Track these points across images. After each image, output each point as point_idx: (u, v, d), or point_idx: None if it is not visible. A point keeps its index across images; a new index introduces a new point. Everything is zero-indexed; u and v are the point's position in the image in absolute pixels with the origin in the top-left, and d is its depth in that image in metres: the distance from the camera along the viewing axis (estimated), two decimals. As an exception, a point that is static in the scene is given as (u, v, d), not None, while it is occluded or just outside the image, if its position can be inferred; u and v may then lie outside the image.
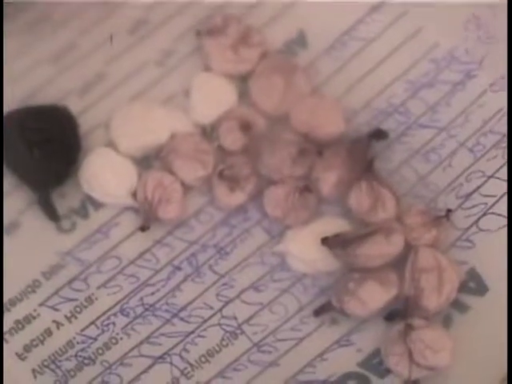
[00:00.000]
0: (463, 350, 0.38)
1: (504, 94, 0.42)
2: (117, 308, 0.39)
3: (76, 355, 0.39)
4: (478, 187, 0.40)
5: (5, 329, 0.39)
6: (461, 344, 0.38)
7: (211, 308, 0.39)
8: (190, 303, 0.40)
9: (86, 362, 0.38)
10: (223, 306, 0.39)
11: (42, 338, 0.39)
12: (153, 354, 0.39)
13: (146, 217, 0.40)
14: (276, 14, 0.44)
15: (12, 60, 0.43)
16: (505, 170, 0.41)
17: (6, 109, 0.41)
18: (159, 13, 0.44)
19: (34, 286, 0.39)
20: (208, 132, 0.42)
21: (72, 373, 0.38)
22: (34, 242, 0.40)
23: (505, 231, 0.40)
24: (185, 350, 0.39)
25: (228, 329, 0.39)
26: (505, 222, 0.40)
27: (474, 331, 0.38)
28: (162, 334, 0.39)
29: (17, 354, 0.38)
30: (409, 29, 0.43)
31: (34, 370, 0.38)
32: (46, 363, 0.38)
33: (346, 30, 0.43)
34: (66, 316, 0.39)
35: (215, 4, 0.44)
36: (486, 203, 0.40)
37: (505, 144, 0.41)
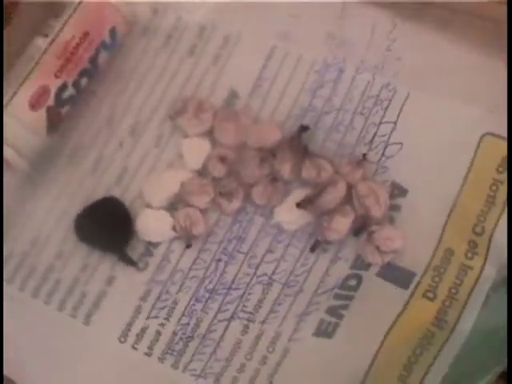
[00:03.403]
0: (406, 234, 0.47)
1: (366, 74, 0.50)
2: (193, 300, 0.48)
3: (180, 338, 0.47)
4: (375, 133, 0.49)
5: (132, 340, 0.47)
6: (403, 230, 0.47)
7: (248, 275, 0.48)
8: (234, 278, 0.48)
9: (188, 340, 0.47)
10: (255, 270, 0.48)
11: (156, 338, 0.48)
12: (225, 317, 0.48)
13: (187, 238, 0.49)
14: (213, 85, 0.52)
15: (69, 179, 0.51)
16: (386, 115, 0.49)
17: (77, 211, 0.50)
18: (145, 114, 0.52)
19: (139, 309, 0.49)
20: (202, 172, 0.50)
21: (182, 351, 0.47)
22: (128, 281, 0.49)
23: (400, 153, 0.48)
24: (244, 306, 0.48)
25: (264, 282, 0.48)
26: (399, 147, 0.48)
27: (408, 219, 0.48)
28: (227, 303, 0.48)
29: (145, 353, 0.48)
30: (294, 59, 0.52)
31: (159, 358, 0.48)
32: (164, 351, 0.48)
33: (257, 77, 0.52)
34: (164, 318, 0.48)
35: (178, 90, 0.52)
36: (384, 140, 0.49)
37: (380, 102, 0.49)
